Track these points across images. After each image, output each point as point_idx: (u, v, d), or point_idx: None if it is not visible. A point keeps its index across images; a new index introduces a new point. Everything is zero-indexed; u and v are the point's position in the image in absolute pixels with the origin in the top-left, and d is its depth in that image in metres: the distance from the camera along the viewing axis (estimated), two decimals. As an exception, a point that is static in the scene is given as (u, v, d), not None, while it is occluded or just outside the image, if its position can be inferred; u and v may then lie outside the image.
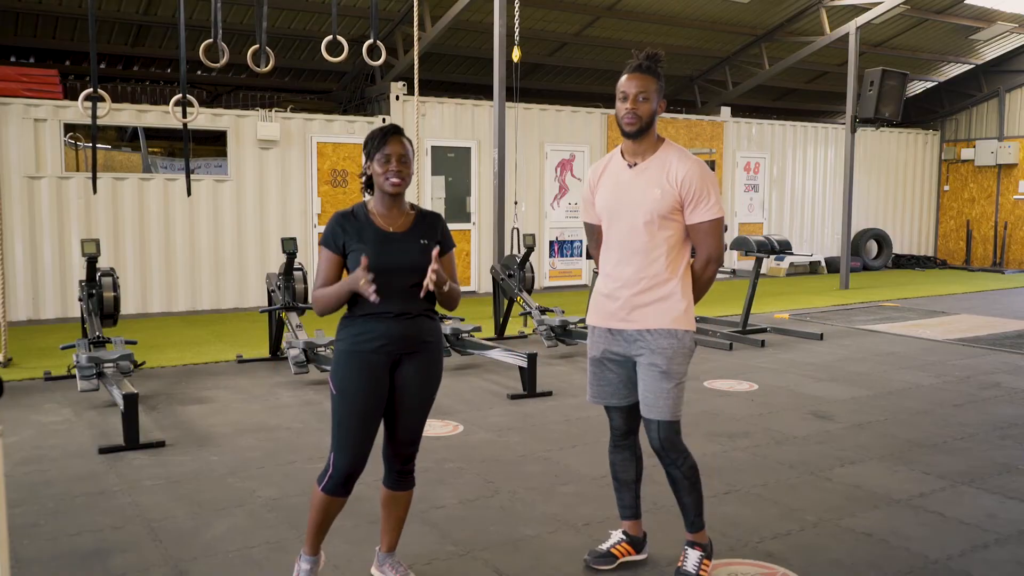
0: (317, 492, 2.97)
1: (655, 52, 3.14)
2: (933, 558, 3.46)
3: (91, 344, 5.92)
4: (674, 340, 3.10)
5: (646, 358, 3.12)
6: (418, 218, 3.01)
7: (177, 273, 10.21)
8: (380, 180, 2.92)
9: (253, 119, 10.53)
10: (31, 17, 10.51)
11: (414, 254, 2.92)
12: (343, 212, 2.97)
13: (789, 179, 15.35)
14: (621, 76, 3.13)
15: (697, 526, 3.23)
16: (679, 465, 3.16)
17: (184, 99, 6.74)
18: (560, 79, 14.81)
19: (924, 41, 15.14)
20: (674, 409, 3.11)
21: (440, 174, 11.89)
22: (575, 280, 13.08)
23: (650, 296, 3.11)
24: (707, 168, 3.14)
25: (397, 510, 3.13)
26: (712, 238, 3.13)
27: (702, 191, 3.08)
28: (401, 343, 2.92)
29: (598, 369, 3.28)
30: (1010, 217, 16.46)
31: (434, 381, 3.05)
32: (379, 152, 2.90)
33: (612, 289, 3.19)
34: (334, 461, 2.92)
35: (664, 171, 3.11)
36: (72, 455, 4.73)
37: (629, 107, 3.09)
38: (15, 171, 9.34)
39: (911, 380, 6.77)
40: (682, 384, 3.14)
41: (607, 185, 3.24)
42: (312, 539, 3.05)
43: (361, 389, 2.89)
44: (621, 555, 3.38)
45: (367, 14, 10.88)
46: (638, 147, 3.16)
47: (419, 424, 3.05)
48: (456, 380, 6.69)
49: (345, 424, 2.90)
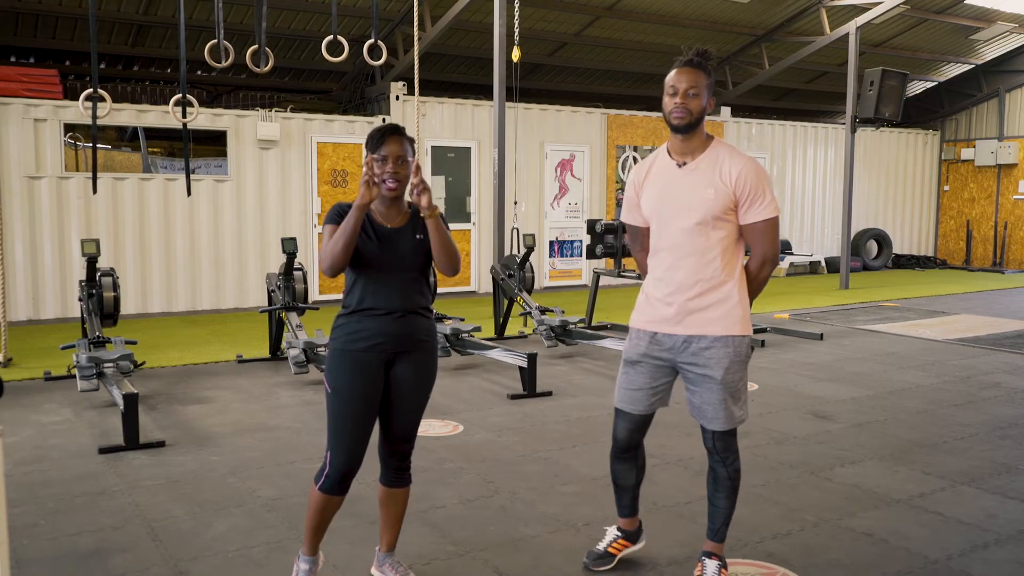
0: (314, 492, 2.97)
1: (705, 49, 3.05)
2: (933, 558, 3.45)
3: (91, 344, 5.92)
4: (729, 348, 2.99)
5: (699, 369, 3.02)
6: (413, 214, 3.00)
7: (177, 273, 10.21)
8: (375, 178, 2.88)
9: (253, 119, 10.53)
10: (31, 17, 10.51)
11: (409, 249, 2.92)
12: (344, 204, 2.94)
13: (789, 179, 15.35)
14: (670, 72, 3.05)
15: (720, 536, 3.16)
16: (727, 464, 3.09)
17: (184, 99, 6.74)
18: (560, 79, 14.81)
19: (924, 41, 15.14)
20: (729, 420, 3.04)
21: (440, 174, 11.89)
22: (575, 280, 13.08)
23: (706, 300, 3.00)
24: (760, 166, 3.05)
25: (395, 507, 3.13)
26: (768, 238, 3.02)
27: (757, 189, 2.98)
28: (396, 341, 2.92)
29: (633, 371, 3.17)
30: (1010, 217, 16.46)
31: (429, 380, 3.04)
32: (376, 153, 2.87)
33: (665, 294, 3.07)
34: (330, 460, 2.92)
35: (716, 170, 3.00)
36: (72, 455, 4.73)
37: (679, 101, 2.99)
38: (15, 171, 9.34)
39: (911, 380, 6.77)
40: (740, 390, 3.04)
41: (655, 186, 3.12)
42: (310, 539, 3.04)
43: (356, 388, 2.88)
44: (618, 551, 3.38)
45: (367, 14, 10.89)
46: (687, 145, 3.06)
47: (414, 422, 3.05)
48: (456, 380, 6.69)
49: (341, 423, 2.90)
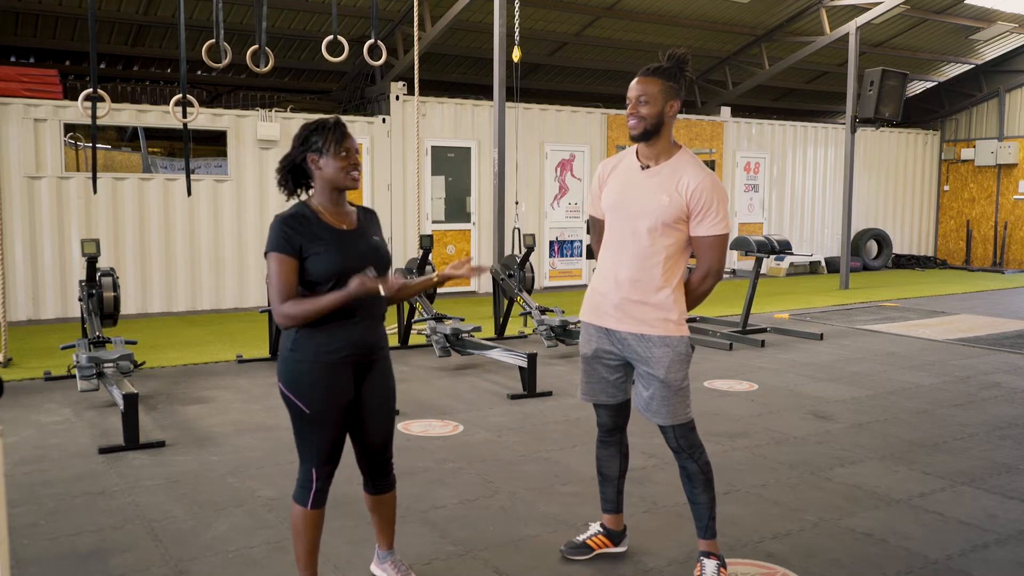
0: (304, 513, 2.87)
1: (676, 53, 3.06)
2: (933, 558, 3.45)
3: (91, 344, 5.92)
4: (668, 348, 3.07)
5: (642, 366, 3.11)
6: (360, 214, 2.92)
7: (177, 273, 10.21)
8: (340, 176, 2.79)
9: (253, 119, 10.53)
10: (31, 17, 10.50)
11: (371, 252, 2.83)
12: (286, 215, 2.77)
13: (789, 179, 15.35)
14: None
15: (711, 533, 3.19)
16: (695, 458, 3.14)
17: (184, 99, 6.75)
18: (560, 79, 14.80)
19: (924, 41, 15.14)
20: (675, 414, 3.10)
21: (440, 174, 11.89)
22: (575, 280, 13.07)
23: (644, 301, 3.08)
24: (719, 182, 3.09)
25: (387, 511, 3.10)
26: (714, 252, 3.09)
27: (711, 204, 3.02)
28: (364, 350, 2.83)
29: (589, 367, 3.27)
30: (1010, 217, 16.46)
31: (393, 386, 2.99)
32: (338, 146, 2.80)
33: (607, 288, 3.16)
34: (316, 475, 2.84)
35: (676, 179, 3.05)
36: (72, 455, 4.73)
37: (630, 111, 3.09)
38: (15, 171, 9.34)
39: (911, 380, 6.77)
40: (683, 388, 3.11)
41: (617, 182, 3.19)
42: (309, 562, 2.93)
43: (334, 399, 2.79)
44: (597, 547, 3.40)
45: (367, 14, 10.89)
46: (651, 150, 3.12)
47: (390, 432, 3.00)
48: (456, 380, 6.69)
49: (322, 435, 2.81)
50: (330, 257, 2.73)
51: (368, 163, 11.28)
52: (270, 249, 2.73)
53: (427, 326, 7.13)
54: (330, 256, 2.73)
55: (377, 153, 11.36)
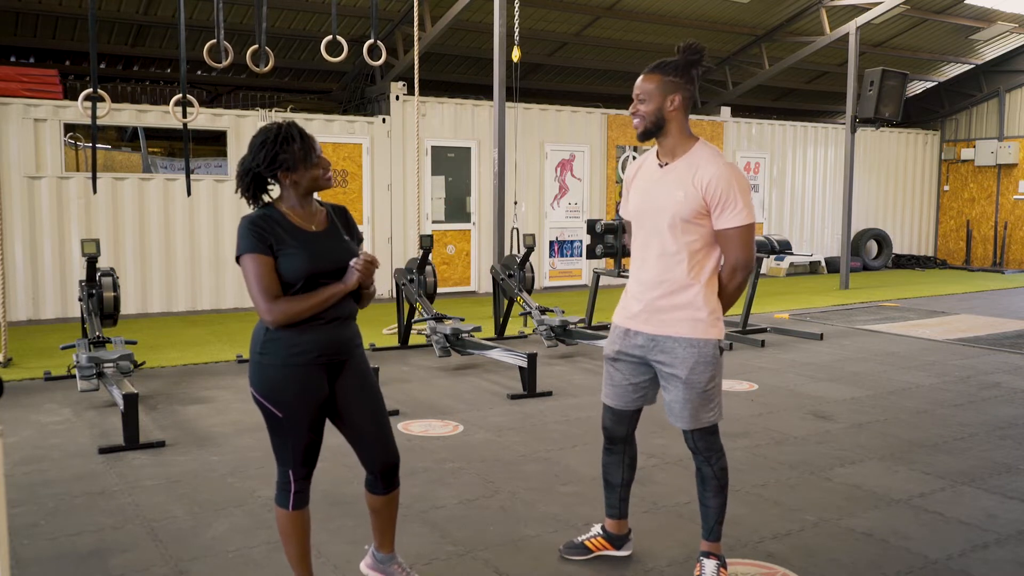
0: (288, 515, 2.85)
1: (687, 44, 2.97)
2: (933, 558, 3.45)
3: (91, 344, 5.92)
4: (694, 350, 2.99)
5: (666, 368, 3.04)
6: (329, 213, 2.90)
7: (177, 273, 10.21)
8: (320, 182, 2.78)
9: (253, 119, 10.53)
10: (31, 17, 10.50)
11: (342, 253, 2.81)
12: (254, 216, 2.74)
13: (789, 179, 15.35)
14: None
15: (715, 535, 3.16)
16: (712, 463, 3.11)
17: (184, 99, 6.74)
18: (560, 79, 14.81)
19: (924, 41, 15.14)
20: (698, 418, 3.04)
21: (440, 174, 11.89)
22: (575, 280, 13.07)
23: (670, 302, 3.01)
24: (738, 171, 2.99)
25: (390, 510, 3.07)
26: (739, 245, 2.99)
27: (728, 195, 2.93)
28: (336, 351, 2.80)
29: (610, 368, 3.23)
30: (1010, 217, 16.46)
31: (374, 382, 2.96)
32: (314, 154, 2.76)
33: (636, 291, 3.12)
34: (294, 475, 2.82)
35: (691, 172, 2.97)
36: (72, 455, 4.73)
37: (631, 110, 3.06)
38: (15, 171, 9.34)
39: (911, 380, 6.77)
40: (707, 391, 3.03)
41: (640, 184, 3.15)
42: (302, 563, 2.91)
43: (307, 402, 2.77)
44: (596, 549, 3.39)
45: (367, 14, 10.89)
46: (666, 146, 3.05)
47: (386, 430, 2.95)
48: (456, 380, 6.69)
49: (299, 439, 2.79)
50: (300, 259, 2.70)
51: (368, 163, 11.29)
52: (243, 251, 2.70)
53: (427, 326, 7.13)
54: (300, 257, 2.70)
55: (377, 153, 11.36)
